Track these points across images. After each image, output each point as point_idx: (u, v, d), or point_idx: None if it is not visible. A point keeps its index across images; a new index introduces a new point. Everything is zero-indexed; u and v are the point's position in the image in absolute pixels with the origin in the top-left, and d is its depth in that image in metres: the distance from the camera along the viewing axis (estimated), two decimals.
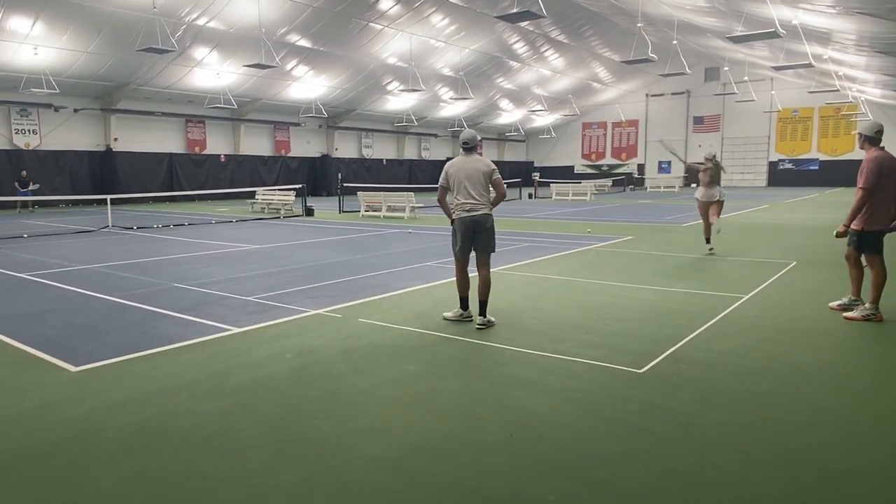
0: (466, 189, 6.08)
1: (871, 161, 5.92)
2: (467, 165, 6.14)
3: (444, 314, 6.39)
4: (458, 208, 6.13)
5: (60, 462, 3.34)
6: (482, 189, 6.11)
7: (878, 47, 18.68)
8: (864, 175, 5.89)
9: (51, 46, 22.77)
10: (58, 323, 6.31)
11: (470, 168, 6.12)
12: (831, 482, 3.08)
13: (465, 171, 6.10)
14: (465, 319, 6.25)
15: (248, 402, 4.14)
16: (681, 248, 11.87)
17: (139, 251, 12.02)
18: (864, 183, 5.86)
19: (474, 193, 6.08)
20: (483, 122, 47.51)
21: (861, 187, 5.90)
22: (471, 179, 6.07)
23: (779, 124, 45.36)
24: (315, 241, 13.45)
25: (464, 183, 6.08)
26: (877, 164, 5.89)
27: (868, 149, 6.10)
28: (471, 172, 6.09)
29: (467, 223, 6.12)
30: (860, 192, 5.92)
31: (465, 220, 6.11)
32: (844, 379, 4.56)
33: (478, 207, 6.10)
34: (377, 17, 25.59)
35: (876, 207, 5.99)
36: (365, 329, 5.96)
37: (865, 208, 5.99)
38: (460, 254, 6.24)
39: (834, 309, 6.56)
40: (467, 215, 6.10)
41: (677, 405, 4.04)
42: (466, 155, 6.23)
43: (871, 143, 6.10)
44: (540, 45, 33.30)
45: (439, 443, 3.53)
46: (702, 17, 23.37)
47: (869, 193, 5.90)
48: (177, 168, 31.60)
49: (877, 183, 5.85)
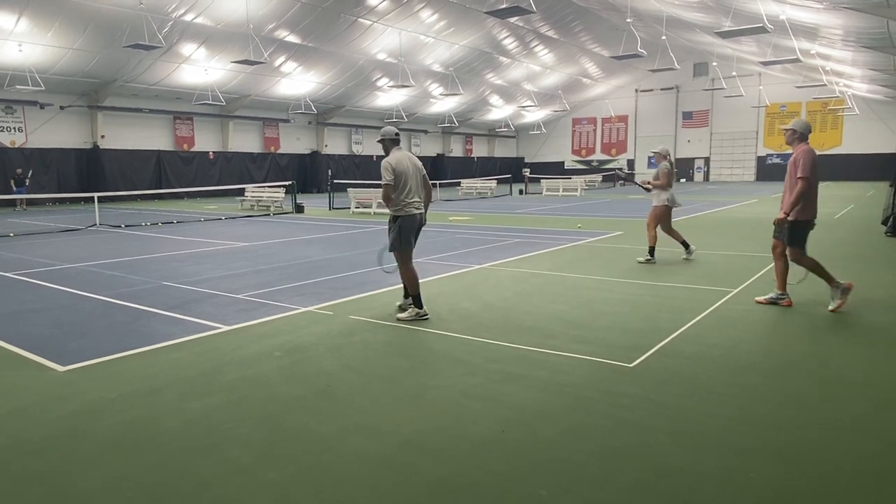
0: (413, 186, 6.02)
1: (807, 153, 6.29)
2: (411, 164, 6.09)
3: (398, 315, 6.14)
4: (408, 206, 6.02)
5: (47, 462, 3.30)
6: (421, 186, 6.13)
7: (865, 42, 18.81)
8: (803, 165, 6.20)
9: (36, 43, 22.52)
10: (44, 322, 6.24)
11: (413, 167, 6.08)
12: (820, 475, 3.10)
13: (411, 170, 6.03)
14: (424, 318, 6.05)
15: (237, 401, 4.11)
16: (670, 243, 11.92)
17: (127, 249, 11.92)
18: (805, 172, 6.17)
19: (419, 190, 6.08)
20: (473, 117, 47.49)
21: (802, 177, 6.18)
22: (415, 177, 6.05)
23: (767, 119, 45.67)
24: (305, 238, 13.40)
25: (411, 182, 6.00)
26: (812, 155, 6.28)
27: (798, 144, 6.46)
28: (414, 170, 6.06)
29: (418, 220, 6.10)
30: (802, 181, 6.19)
31: (416, 217, 6.07)
32: (833, 372, 4.59)
33: (421, 206, 6.12)
34: (366, 12, 25.49)
35: (809, 198, 6.30)
36: (355, 326, 5.94)
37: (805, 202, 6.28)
38: (407, 249, 6.11)
39: (760, 303, 6.67)
40: (418, 213, 6.09)
41: (667, 399, 4.05)
42: (400, 150, 6.14)
43: (802, 140, 6.48)
44: (530, 41, 33.32)
45: (430, 439, 3.52)
46: (690, 13, 23.44)
47: (809, 183, 6.19)
48: (165, 165, 31.39)
49: (814, 173, 6.21)
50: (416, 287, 6.09)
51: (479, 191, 33.00)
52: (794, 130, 6.49)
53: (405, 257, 6.13)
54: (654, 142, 50.20)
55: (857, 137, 42.49)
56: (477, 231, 14.41)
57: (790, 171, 6.38)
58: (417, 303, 6.09)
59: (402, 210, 6.01)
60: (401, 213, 6.02)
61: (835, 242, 11.79)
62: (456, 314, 6.36)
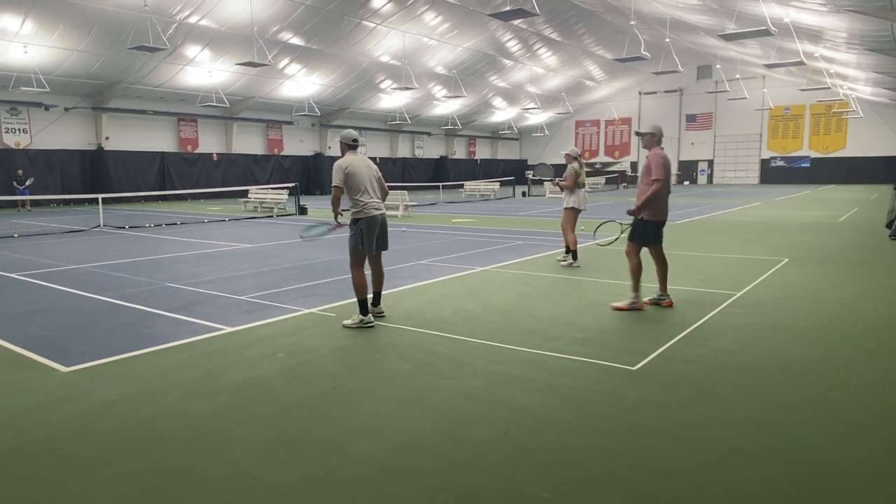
0: (369, 189, 6.08)
1: (659, 156, 6.52)
2: (365, 165, 6.16)
3: (344, 322, 6.01)
4: (367, 207, 6.06)
5: (51, 462, 3.31)
6: (378, 188, 6.19)
7: (869, 45, 18.78)
8: (656, 168, 6.44)
9: (41, 45, 22.61)
10: (49, 323, 6.27)
11: (367, 168, 6.15)
12: (824, 478, 3.10)
13: (365, 172, 6.10)
14: (367, 326, 5.92)
15: (240, 402, 4.12)
16: (672, 246, 11.91)
17: (131, 251, 11.95)
18: (659, 174, 6.41)
19: (376, 193, 6.14)
20: (476, 120, 47.51)
21: (657, 178, 6.41)
22: (371, 180, 6.11)
23: (770, 122, 45.57)
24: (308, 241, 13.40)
25: (365, 183, 6.06)
26: (665, 159, 6.50)
27: (654, 147, 6.66)
28: (370, 173, 6.14)
29: (378, 222, 6.13)
30: (658, 182, 6.43)
31: (376, 218, 6.10)
32: (836, 375, 4.59)
33: (382, 206, 6.18)
34: (370, 14, 25.53)
35: (659, 200, 6.54)
36: (359, 328, 5.94)
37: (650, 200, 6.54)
38: (368, 252, 6.12)
39: (647, 304, 6.71)
40: (378, 213, 6.12)
41: (670, 402, 4.05)
42: (355, 154, 6.20)
43: (658, 144, 6.70)
44: (533, 43, 33.32)
45: (433, 441, 3.53)
46: (694, 15, 23.43)
47: (663, 184, 6.44)
48: (169, 167, 31.45)
49: (667, 175, 6.45)
50: (363, 293, 5.99)
51: (482, 193, 33.00)
52: (653, 134, 6.68)
53: (358, 261, 6.11)
54: None
55: (861, 140, 42.36)
56: (480, 233, 14.42)
57: (643, 175, 6.64)
58: (363, 309, 5.98)
59: (362, 212, 6.06)
60: (360, 216, 6.07)
61: (838, 245, 11.77)
62: (459, 316, 6.37)
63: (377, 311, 6.27)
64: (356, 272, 6.09)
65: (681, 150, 49.48)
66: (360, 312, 6.00)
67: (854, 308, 6.61)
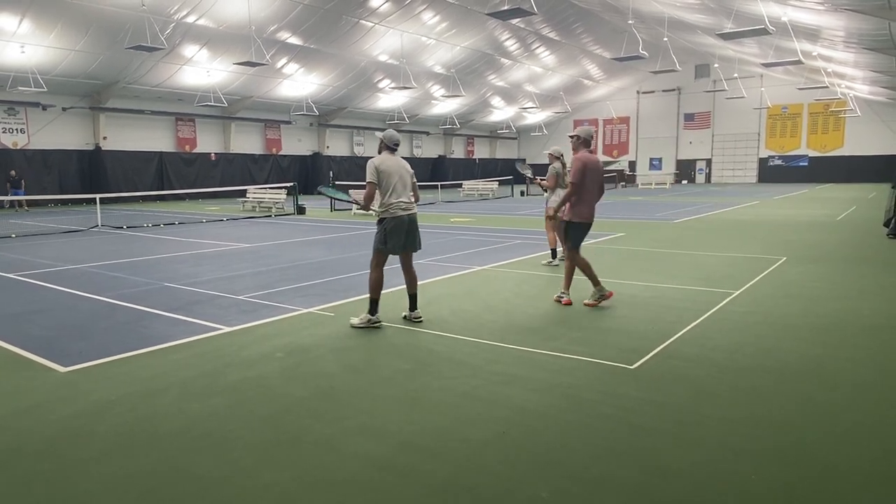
0: (399, 189, 6.05)
1: (578, 160, 6.73)
2: (398, 165, 6.13)
3: (352, 321, 6.01)
4: (394, 207, 6.02)
5: (50, 463, 3.30)
6: (409, 189, 6.15)
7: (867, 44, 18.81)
8: (573, 172, 6.72)
9: (38, 44, 22.57)
10: (47, 323, 6.26)
11: (401, 168, 6.12)
12: (825, 478, 3.10)
13: (397, 171, 6.07)
14: (374, 326, 5.92)
15: (239, 402, 4.12)
16: (672, 245, 11.91)
17: (129, 251, 11.94)
18: (573, 178, 6.69)
19: (407, 192, 6.11)
20: (475, 119, 47.51)
21: (572, 182, 6.71)
22: (403, 180, 6.07)
23: (768, 121, 45.62)
24: (306, 240, 13.41)
25: (397, 182, 6.03)
26: (582, 163, 6.70)
27: (581, 150, 6.82)
28: (402, 173, 6.09)
29: (405, 222, 6.07)
30: (571, 186, 6.73)
31: (402, 218, 6.05)
32: (836, 374, 4.59)
33: (411, 207, 6.12)
34: (368, 14, 25.52)
35: (582, 202, 6.74)
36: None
37: (574, 201, 6.76)
38: (393, 252, 6.07)
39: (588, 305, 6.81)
40: (405, 214, 6.06)
41: (669, 401, 4.05)
42: (392, 154, 6.18)
43: (585, 146, 6.85)
44: (531, 43, 33.33)
45: (432, 441, 3.52)
46: (692, 14, 23.45)
47: (576, 187, 6.66)
48: (167, 167, 31.42)
49: (582, 179, 6.65)
50: (376, 292, 5.98)
51: (480, 192, 33.00)
52: (578, 137, 6.84)
53: (380, 260, 6.08)
54: (657, 143, 50.31)
55: (859, 139, 42.43)
56: (478, 232, 14.42)
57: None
58: (372, 308, 5.96)
59: (388, 212, 6.02)
60: (386, 216, 6.03)
61: (836, 244, 11.79)
62: (457, 315, 6.37)
63: (414, 317, 6.14)
64: (375, 270, 6.05)
65: (679, 150, 49.54)
66: (368, 311, 5.97)
67: (852, 307, 6.61)
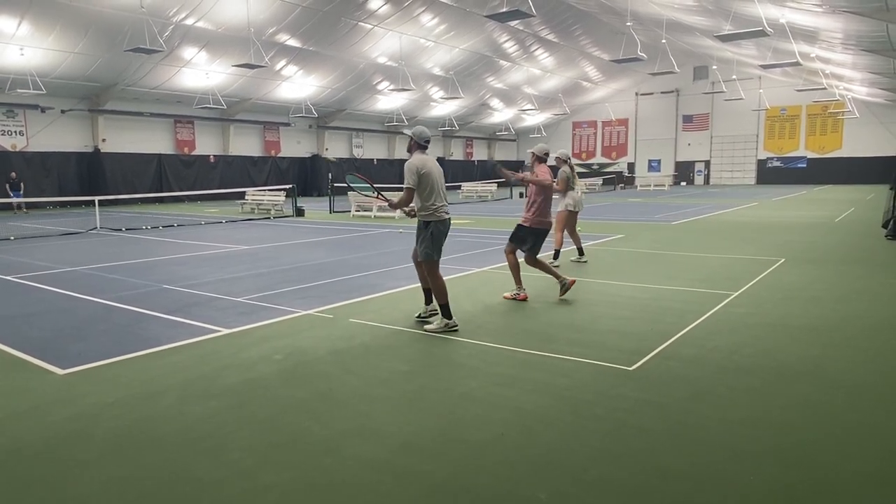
0: (441, 191, 5.79)
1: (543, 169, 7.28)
2: (435, 165, 5.84)
3: (426, 327, 5.86)
4: (439, 211, 5.78)
5: (48, 465, 3.30)
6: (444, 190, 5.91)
7: (865, 46, 18.84)
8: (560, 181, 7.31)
9: (37, 47, 22.56)
10: (45, 325, 6.25)
11: (437, 168, 5.85)
12: (821, 479, 3.10)
13: (436, 172, 5.77)
14: (453, 330, 5.77)
15: (237, 404, 4.11)
16: (671, 246, 11.92)
17: (128, 253, 11.93)
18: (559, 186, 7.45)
19: (446, 194, 5.88)
20: (474, 121, 47.53)
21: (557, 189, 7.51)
22: (441, 181, 5.81)
23: (767, 122, 45.66)
24: (305, 242, 13.40)
25: (437, 185, 5.74)
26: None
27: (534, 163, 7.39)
28: (439, 174, 5.82)
29: (448, 225, 5.93)
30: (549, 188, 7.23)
31: (446, 222, 5.88)
32: (835, 374, 4.59)
33: (449, 210, 5.96)
34: (367, 16, 25.53)
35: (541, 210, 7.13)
36: (356, 329, 5.94)
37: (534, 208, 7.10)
38: (438, 257, 5.89)
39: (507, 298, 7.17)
40: (448, 217, 5.91)
41: (668, 402, 4.05)
42: (425, 153, 5.84)
43: (541, 161, 7.37)
44: (530, 45, 33.35)
45: (430, 442, 3.52)
46: (690, 16, 23.49)
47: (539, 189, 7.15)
48: (166, 169, 31.40)
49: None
50: (444, 296, 5.77)
51: (479, 194, 33.03)
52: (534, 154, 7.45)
53: (434, 265, 5.86)
54: (655, 145, 50.33)
55: (858, 141, 42.48)
56: (477, 234, 14.42)
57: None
58: (446, 313, 5.79)
59: (434, 215, 5.75)
60: (432, 219, 5.75)
61: (835, 245, 11.80)
62: (456, 317, 6.33)
63: (431, 310, 6.10)
64: (437, 278, 5.82)
65: (677, 151, 49.56)
66: (443, 316, 5.79)
67: (851, 308, 6.62)
